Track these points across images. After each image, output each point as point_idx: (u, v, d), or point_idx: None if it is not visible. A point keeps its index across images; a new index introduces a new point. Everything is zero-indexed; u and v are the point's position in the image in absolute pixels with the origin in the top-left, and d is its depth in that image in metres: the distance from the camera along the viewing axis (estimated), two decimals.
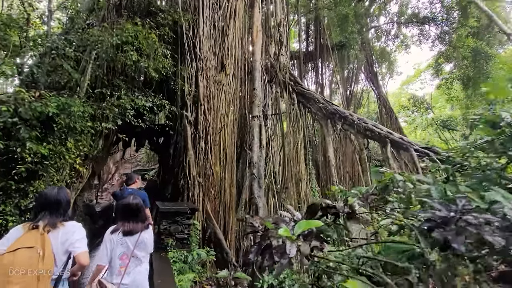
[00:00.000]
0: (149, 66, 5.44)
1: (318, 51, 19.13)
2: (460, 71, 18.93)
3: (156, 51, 5.89)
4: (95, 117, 5.24)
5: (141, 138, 8.04)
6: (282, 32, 10.87)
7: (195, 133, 6.78)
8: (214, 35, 8.80)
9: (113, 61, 5.18)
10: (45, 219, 1.95)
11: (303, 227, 1.78)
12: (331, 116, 9.33)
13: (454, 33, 18.48)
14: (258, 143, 5.71)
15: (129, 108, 5.24)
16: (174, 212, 5.08)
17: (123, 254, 2.41)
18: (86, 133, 4.83)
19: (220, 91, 8.63)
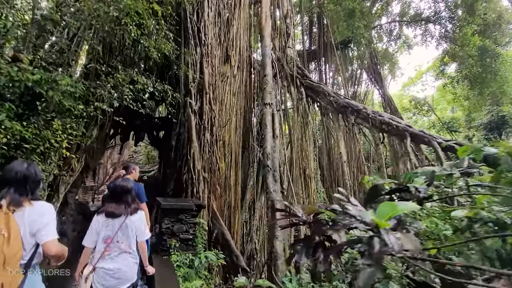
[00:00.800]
0: (150, 46, 4.83)
1: (321, 49, 18.71)
2: (466, 70, 18.52)
3: (158, 31, 5.29)
4: (88, 101, 4.60)
5: (140, 131, 7.40)
6: (289, 24, 10.36)
7: (199, 123, 6.16)
8: (219, 23, 8.28)
9: (110, 36, 4.56)
10: (8, 196, 1.68)
11: (392, 212, 1.12)
12: (343, 110, 8.76)
13: (459, 31, 18.07)
14: (271, 133, 5.10)
15: (126, 91, 4.61)
16: (178, 209, 4.43)
17: (107, 237, 2.32)
18: (78, 117, 4.20)
19: (225, 83, 8.07)
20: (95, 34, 4.85)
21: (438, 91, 36.06)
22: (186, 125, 6.07)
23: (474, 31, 17.39)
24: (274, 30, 12.17)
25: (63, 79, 3.47)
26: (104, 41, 4.82)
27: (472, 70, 17.86)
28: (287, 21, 10.37)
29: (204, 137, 6.17)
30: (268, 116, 5.30)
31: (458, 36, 17.91)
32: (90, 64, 4.80)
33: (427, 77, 36.64)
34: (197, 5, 6.96)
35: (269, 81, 5.92)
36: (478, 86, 18.55)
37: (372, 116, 7.97)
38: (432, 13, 19.63)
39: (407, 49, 24.21)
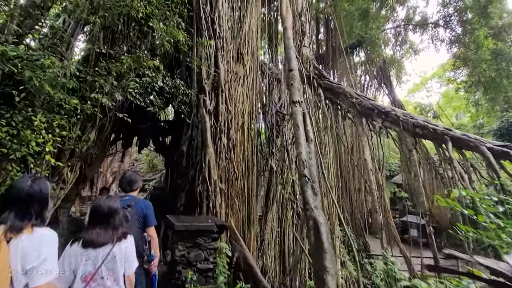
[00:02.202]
0: (161, 31, 4.01)
1: (329, 53, 18.15)
2: (479, 75, 17.87)
3: (169, 18, 4.48)
4: (85, 97, 3.73)
5: (145, 136, 6.52)
6: (303, 21, 9.66)
7: (215, 125, 5.29)
8: (232, 18, 7.56)
9: (113, 16, 3.73)
10: (8, 221, 1.39)
11: None
12: (368, 112, 7.94)
13: (471, 35, 17.48)
14: (304, 135, 4.24)
15: (132, 83, 3.75)
16: (195, 231, 3.50)
17: (87, 274, 1.80)
18: (71, 115, 3.33)
19: (237, 83, 7.29)
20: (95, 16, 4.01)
21: (443, 97, 35.60)
22: (200, 127, 5.20)
23: (487, 34, 16.86)
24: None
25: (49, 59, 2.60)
26: (105, 23, 3.98)
27: (485, 74, 17.24)
28: (302, 19, 9.67)
29: (221, 142, 5.29)
30: (299, 115, 4.46)
31: (470, 39, 17.36)
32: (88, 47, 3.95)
33: (432, 83, 36.29)
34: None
35: (296, 76, 5.11)
36: (492, 91, 17.91)
37: (403, 118, 7.13)
38: (441, 16, 19.14)
39: (413, 55, 23.75)
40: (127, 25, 4.32)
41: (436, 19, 19.93)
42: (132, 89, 3.77)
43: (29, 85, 2.78)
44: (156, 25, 3.95)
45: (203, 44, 5.22)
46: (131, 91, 3.78)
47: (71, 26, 4.22)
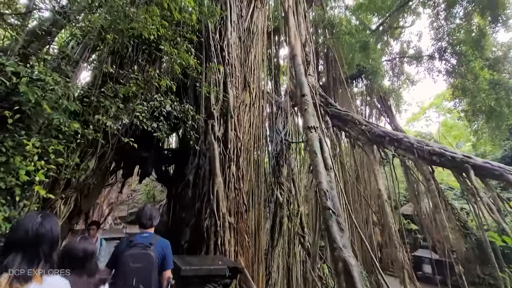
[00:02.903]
0: (173, 53, 3.85)
1: (330, 83, 18.52)
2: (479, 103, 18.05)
3: (179, 43, 4.38)
4: (88, 121, 3.44)
5: (148, 165, 6.14)
6: (308, 51, 9.83)
7: (224, 153, 4.95)
8: (239, 48, 7.64)
9: (123, 38, 3.58)
10: (14, 266, 1.21)
11: None
12: (379, 139, 7.67)
13: (466, 66, 17.98)
14: (322, 163, 3.89)
15: (139, 107, 3.49)
16: (205, 276, 2.97)
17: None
18: (70, 140, 3.00)
19: (243, 111, 7.14)
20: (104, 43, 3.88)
21: (442, 126, 35.91)
22: (208, 155, 4.85)
23: (483, 65, 17.35)
24: (292, 59, 11.73)
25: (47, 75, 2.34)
26: (114, 48, 3.84)
27: (485, 103, 17.42)
28: (306, 49, 9.86)
29: (230, 171, 4.90)
30: (315, 142, 4.16)
31: (467, 70, 17.82)
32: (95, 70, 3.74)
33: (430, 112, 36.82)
34: (219, 24, 6.29)
35: (310, 101, 4.91)
36: (493, 120, 17.95)
37: (418, 145, 6.83)
38: (436, 49, 19.81)
39: (410, 85, 24.32)
40: (136, 49, 4.20)
41: (430, 52, 20.57)
42: (139, 112, 3.50)
43: (26, 106, 2.49)
44: (167, 48, 3.81)
45: (212, 69, 5.09)
46: (138, 115, 3.50)
47: (78, 50, 4.08)
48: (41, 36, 3.41)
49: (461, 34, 18.14)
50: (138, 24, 3.28)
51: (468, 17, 18.09)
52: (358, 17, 17.52)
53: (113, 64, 4.02)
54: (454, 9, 18.48)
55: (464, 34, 18.01)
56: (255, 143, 7.10)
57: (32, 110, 2.59)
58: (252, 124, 7.50)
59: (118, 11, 3.22)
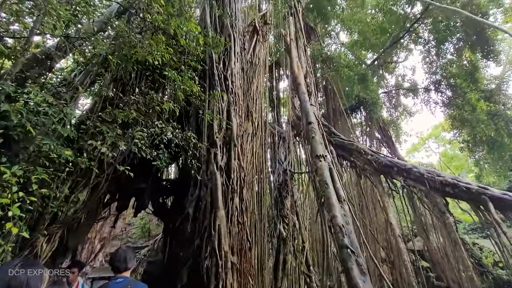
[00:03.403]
0: (176, 81, 3.74)
1: (330, 114, 18.71)
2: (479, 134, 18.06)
3: (183, 71, 4.32)
4: (82, 149, 3.19)
5: (144, 197, 5.75)
6: (309, 82, 9.97)
7: (227, 183, 4.63)
8: (242, 78, 7.73)
9: (127, 64, 3.49)
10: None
11: None
12: (386, 170, 7.38)
13: (463, 98, 18.30)
14: (334, 194, 3.57)
15: (139, 133, 3.26)
16: None
17: None
18: (59, 167, 2.71)
19: (246, 141, 6.97)
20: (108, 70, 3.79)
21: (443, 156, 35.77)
22: (210, 186, 4.52)
23: (479, 97, 17.68)
24: (293, 89, 11.91)
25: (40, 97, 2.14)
26: (117, 75, 3.74)
27: (485, 134, 17.43)
28: (307, 80, 10.01)
29: (233, 203, 4.54)
30: (325, 171, 3.88)
31: (463, 102, 18.08)
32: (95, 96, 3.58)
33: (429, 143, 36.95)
34: (223, 55, 6.38)
35: (317, 129, 4.74)
36: (495, 150, 17.83)
37: (429, 176, 6.53)
38: (431, 82, 20.32)
39: (408, 117, 24.64)
40: (139, 76, 4.11)
41: (426, 85, 21.07)
42: (138, 139, 3.27)
43: (14, 131, 2.25)
44: (171, 74, 3.72)
45: (216, 96, 5.00)
46: (137, 142, 3.27)
47: (80, 77, 3.99)
48: (42, 61, 3.32)
49: (453, 68, 18.76)
50: (143, 50, 3.21)
51: (459, 52, 18.85)
52: (353, 53, 18.30)
53: (114, 90, 3.90)
54: (444, 46, 19.31)
55: (456, 68, 18.64)
56: (257, 174, 6.80)
57: (21, 136, 2.36)
58: (255, 154, 7.28)
59: (124, 37, 3.17)
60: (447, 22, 17.55)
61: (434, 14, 17.10)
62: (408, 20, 18.04)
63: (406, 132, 26.73)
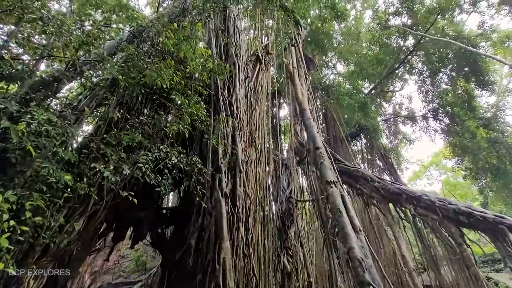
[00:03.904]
0: (183, 104, 3.68)
1: (331, 142, 18.72)
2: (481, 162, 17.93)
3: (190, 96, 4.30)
4: (82, 174, 3.01)
5: (143, 227, 5.41)
6: (311, 110, 10.06)
7: (232, 212, 4.36)
8: (246, 104, 7.78)
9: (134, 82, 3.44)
10: None
11: None
12: (395, 198, 7.11)
13: (461, 125, 18.42)
14: (349, 223, 3.32)
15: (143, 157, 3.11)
16: None
17: None
18: (56, 193, 2.51)
19: (250, 168, 6.81)
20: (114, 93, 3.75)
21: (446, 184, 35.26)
22: (214, 214, 4.25)
23: (477, 124, 17.81)
24: (295, 116, 11.99)
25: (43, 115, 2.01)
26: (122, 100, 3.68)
27: (488, 161, 17.30)
28: (309, 107, 10.13)
29: (238, 233, 4.24)
30: (337, 198, 3.66)
31: (462, 129, 18.16)
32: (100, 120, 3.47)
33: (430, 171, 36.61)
34: (228, 81, 6.46)
35: (325, 154, 4.60)
36: (500, 178, 17.58)
37: (440, 204, 6.26)
38: (428, 110, 20.58)
39: (408, 144, 24.68)
40: (146, 100, 4.06)
41: (424, 113, 21.32)
42: (142, 163, 3.11)
43: (13, 153, 2.10)
44: (178, 98, 3.67)
45: (221, 120, 4.92)
46: (140, 166, 3.09)
47: (85, 101, 3.93)
48: (49, 84, 3.27)
49: (449, 96, 19.15)
50: (151, 73, 3.18)
51: (453, 82, 19.35)
52: (351, 83, 18.83)
53: (121, 111, 3.82)
54: (438, 76, 19.89)
55: (452, 96, 19.03)
56: (261, 201, 6.52)
57: (19, 159, 2.20)
58: (258, 181, 7.06)
59: (133, 60, 3.16)
60: (439, 54, 18.28)
61: (427, 46, 17.88)
62: (402, 52, 18.82)
63: (408, 160, 26.54)
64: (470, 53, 16.70)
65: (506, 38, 17.97)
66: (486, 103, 18.46)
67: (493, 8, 17.20)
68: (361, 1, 22.59)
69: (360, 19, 22.00)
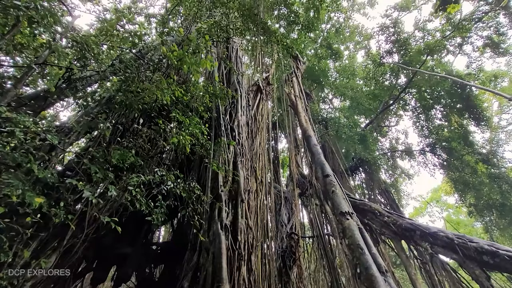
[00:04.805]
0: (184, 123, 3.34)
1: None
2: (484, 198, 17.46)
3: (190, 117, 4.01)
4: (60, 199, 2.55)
5: (128, 265, 4.69)
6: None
7: (232, 247, 3.78)
8: (247, 131, 7.53)
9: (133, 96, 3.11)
10: None
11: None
12: (407, 234, 6.53)
13: (460, 160, 18.26)
14: (373, 263, 2.81)
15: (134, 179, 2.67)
16: None
17: None
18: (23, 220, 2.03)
19: (251, 199, 6.31)
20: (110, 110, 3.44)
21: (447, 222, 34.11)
22: (212, 250, 3.67)
23: (476, 159, 17.69)
24: (295, 147, 11.71)
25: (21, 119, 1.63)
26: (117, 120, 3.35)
27: (491, 197, 16.85)
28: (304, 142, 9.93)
29: (239, 274, 3.62)
30: (355, 232, 3.18)
31: (462, 164, 17.95)
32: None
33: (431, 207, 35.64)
34: (229, 107, 6.27)
35: (336, 183, 4.19)
36: (506, 215, 16.98)
37: (460, 242, 5.70)
38: (426, 145, 20.54)
39: (406, 179, 24.27)
40: (143, 120, 3.74)
41: (421, 147, 21.27)
42: (132, 186, 2.66)
43: None
44: (179, 116, 3.36)
45: (222, 143, 4.57)
46: (131, 189, 2.64)
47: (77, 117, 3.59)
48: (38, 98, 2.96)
49: (445, 132, 19.31)
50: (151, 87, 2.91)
51: (447, 118, 19.67)
52: (348, 116, 19.08)
53: (114, 131, 3.45)
54: (432, 112, 20.29)
55: (448, 132, 19.18)
56: (263, 237, 5.88)
57: None
58: (258, 214, 6.49)
59: (133, 73, 2.91)
60: (430, 91, 18.85)
61: (419, 83, 18.50)
62: (396, 89, 19.42)
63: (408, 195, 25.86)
64: (461, 90, 17.28)
65: (494, 77, 18.80)
66: (483, 138, 18.52)
67: (478, 50, 18.24)
68: (353, 43, 23.99)
69: (354, 59, 23.17)
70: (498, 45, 16.98)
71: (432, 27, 18.93)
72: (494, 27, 16.52)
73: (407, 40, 15.70)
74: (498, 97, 21.32)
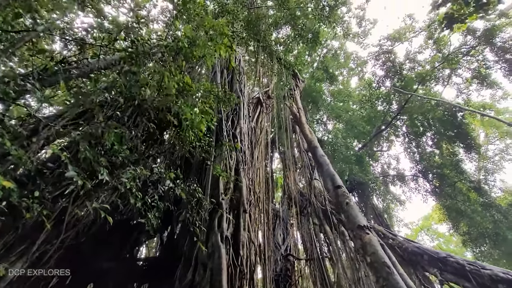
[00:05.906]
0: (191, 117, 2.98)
1: None
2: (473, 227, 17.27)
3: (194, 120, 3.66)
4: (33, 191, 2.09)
5: (107, 282, 4.04)
6: (311, 156, 9.60)
7: (234, 263, 3.28)
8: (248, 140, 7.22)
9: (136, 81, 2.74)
10: None
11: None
12: (414, 259, 6.10)
13: (453, 187, 18.26)
14: (404, 285, 2.40)
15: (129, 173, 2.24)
16: None
17: None
18: None
19: (255, 211, 5.88)
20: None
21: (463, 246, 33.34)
22: (210, 266, 3.15)
23: (468, 186, 17.71)
24: (294, 164, 11.36)
25: None
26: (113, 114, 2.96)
27: (483, 226, 16.67)
28: (309, 154, 9.66)
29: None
30: (378, 248, 2.79)
31: (454, 191, 17.92)
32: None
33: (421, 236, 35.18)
34: (231, 114, 5.99)
35: (348, 194, 3.84)
36: (500, 244, 16.73)
37: (472, 269, 5.30)
38: (418, 170, 20.54)
39: (398, 205, 24.02)
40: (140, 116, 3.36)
41: (413, 173, 21.24)
42: (127, 179, 2.22)
43: None
44: (184, 107, 2.99)
45: (225, 147, 4.19)
46: (125, 182, 2.20)
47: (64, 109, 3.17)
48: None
49: (436, 159, 19.46)
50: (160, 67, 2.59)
51: (439, 144, 19.93)
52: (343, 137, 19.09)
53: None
54: (423, 138, 20.58)
55: (440, 158, 19.36)
56: (263, 255, 5.35)
57: None
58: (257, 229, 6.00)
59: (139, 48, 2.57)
60: (422, 118, 19.25)
61: (411, 110, 18.90)
62: (389, 114, 19.76)
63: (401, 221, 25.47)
64: (452, 118, 17.70)
65: (482, 108, 19.46)
66: (474, 166, 18.72)
67: (466, 82, 19.03)
68: (347, 69, 24.79)
69: (348, 84, 23.83)
70: (485, 78, 17.75)
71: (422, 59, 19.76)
72: (481, 61, 17.35)
73: (401, 66, 16.24)
74: (485, 128, 21.97)
